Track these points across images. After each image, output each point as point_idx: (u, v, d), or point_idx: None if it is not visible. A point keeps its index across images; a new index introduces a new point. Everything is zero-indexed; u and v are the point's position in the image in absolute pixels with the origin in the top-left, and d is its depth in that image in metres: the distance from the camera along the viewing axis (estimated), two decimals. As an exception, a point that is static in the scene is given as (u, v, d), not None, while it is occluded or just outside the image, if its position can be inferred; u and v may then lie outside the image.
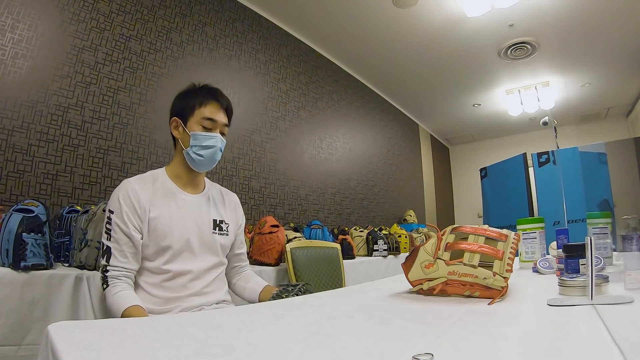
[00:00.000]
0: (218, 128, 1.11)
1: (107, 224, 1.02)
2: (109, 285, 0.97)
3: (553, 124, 3.80)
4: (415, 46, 3.66)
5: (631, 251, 0.79)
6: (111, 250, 1.00)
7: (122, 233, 1.00)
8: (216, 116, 1.11)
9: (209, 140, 1.09)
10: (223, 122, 1.13)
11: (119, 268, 0.99)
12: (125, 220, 1.00)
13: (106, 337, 0.49)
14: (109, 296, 0.96)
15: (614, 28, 3.33)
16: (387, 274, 2.71)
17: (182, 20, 2.46)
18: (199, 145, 1.09)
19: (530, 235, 1.35)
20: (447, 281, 0.77)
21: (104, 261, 1.00)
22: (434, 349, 0.43)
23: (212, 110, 1.10)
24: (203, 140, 1.08)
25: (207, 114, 1.10)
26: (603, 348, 0.43)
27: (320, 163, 3.50)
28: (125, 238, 1.00)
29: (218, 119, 1.11)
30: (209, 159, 1.11)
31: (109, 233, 1.01)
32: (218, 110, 1.12)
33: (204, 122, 1.09)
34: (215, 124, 1.10)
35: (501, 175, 3.96)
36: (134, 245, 1.01)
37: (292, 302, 0.82)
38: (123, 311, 0.92)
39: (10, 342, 1.06)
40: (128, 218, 1.01)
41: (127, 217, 1.01)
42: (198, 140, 1.08)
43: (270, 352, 0.45)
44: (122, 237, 1.00)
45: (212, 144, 1.09)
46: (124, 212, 1.01)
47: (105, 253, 1.00)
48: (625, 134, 5.30)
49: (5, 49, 1.65)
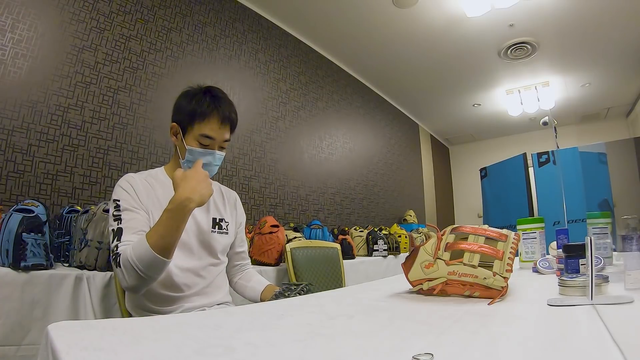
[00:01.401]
0: (217, 144, 1.06)
1: (116, 210, 0.97)
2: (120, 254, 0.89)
3: (553, 124, 3.80)
4: (415, 46, 3.66)
5: (631, 251, 0.79)
6: (122, 230, 0.93)
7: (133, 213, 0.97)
8: (215, 134, 1.05)
9: (205, 157, 1.05)
10: (223, 138, 1.07)
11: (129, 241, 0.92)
12: (133, 205, 0.98)
13: (106, 337, 0.49)
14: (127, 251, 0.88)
15: (614, 28, 3.33)
16: (387, 274, 2.71)
17: (182, 20, 2.46)
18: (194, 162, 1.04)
19: (530, 235, 1.35)
20: (447, 281, 0.77)
21: (115, 241, 0.92)
22: (434, 349, 0.43)
23: (211, 126, 1.04)
24: (198, 156, 1.04)
25: (206, 131, 1.04)
26: (603, 348, 0.43)
27: (320, 163, 3.50)
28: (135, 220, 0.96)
29: (217, 136, 1.05)
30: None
31: (119, 218, 0.96)
32: (218, 126, 1.05)
33: (202, 139, 1.04)
34: (213, 141, 1.05)
35: (501, 175, 3.96)
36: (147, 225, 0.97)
37: (292, 302, 0.82)
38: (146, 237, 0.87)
39: (10, 342, 1.06)
40: (135, 203, 0.99)
41: (134, 202, 0.99)
42: (194, 157, 1.05)
43: (270, 352, 0.45)
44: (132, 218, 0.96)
45: (208, 162, 1.06)
46: (131, 198, 0.99)
47: (116, 235, 0.93)
48: (625, 134, 5.30)
49: (5, 49, 1.65)
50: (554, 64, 4.03)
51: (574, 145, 3.50)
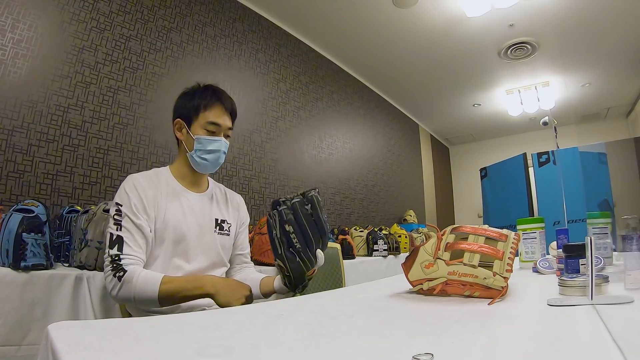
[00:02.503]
0: (222, 132, 1.11)
1: (117, 215, 0.98)
2: (127, 270, 0.92)
3: (553, 124, 3.80)
4: (415, 46, 3.66)
5: (631, 251, 0.78)
6: (123, 240, 0.95)
7: (133, 224, 0.97)
8: (221, 120, 1.10)
9: (213, 144, 1.09)
10: (227, 125, 1.12)
11: (133, 257, 0.95)
12: (135, 211, 0.99)
13: (106, 337, 0.49)
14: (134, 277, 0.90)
15: (614, 28, 3.33)
16: (387, 274, 2.70)
17: (182, 20, 2.46)
18: (204, 150, 1.08)
19: (530, 235, 1.35)
20: (447, 281, 0.77)
21: (115, 250, 0.94)
22: (434, 349, 0.43)
23: (216, 114, 1.10)
24: (207, 144, 1.08)
25: (212, 118, 1.09)
26: (603, 348, 0.42)
27: (320, 163, 3.50)
28: (136, 229, 0.97)
29: (222, 123, 1.10)
30: (213, 163, 1.11)
31: (119, 223, 0.97)
32: (223, 113, 1.11)
33: (209, 126, 1.09)
34: (219, 128, 1.10)
35: (501, 175, 3.96)
36: (145, 237, 0.98)
37: (292, 302, 0.82)
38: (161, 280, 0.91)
39: (10, 342, 1.06)
40: (137, 210, 0.99)
41: (136, 208, 0.99)
42: (202, 145, 1.08)
43: (270, 352, 0.45)
44: (134, 227, 0.97)
45: (217, 148, 1.09)
46: (132, 204, 0.99)
47: (116, 242, 0.95)
48: (625, 134, 5.30)
49: (5, 49, 1.65)
50: (554, 64, 4.03)
51: (574, 145, 3.49)
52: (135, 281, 0.90)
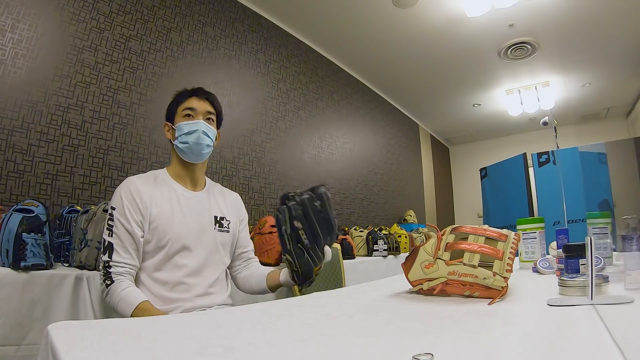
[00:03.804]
0: (200, 115, 1.14)
1: (109, 220, 1.03)
2: (114, 281, 0.96)
3: (553, 124, 3.80)
4: (415, 46, 3.66)
5: (631, 251, 0.78)
6: (113, 246, 1.00)
7: (124, 229, 1.00)
8: (195, 104, 1.15)
9: (190, 126, 1.12)
10: (205, 109, 1.16)
11: (122, 264, 0.99)
12: (127, 216, 1.01)
13: (106, 337, 0.49)
14: (117, 292, 0.95)
15: (614, 28, 3.33)
16: (387, 274, 2.70)
17: (182, 20, 2.46)
18: (183, 134, 1.12)
19: (530, 235, 1.35)
20: (447, 281, 0.77)
21: (106, 257, 0.99)
22: (434, 349, 0.43)
23: (191, 101, 1.15)
24: (185, 127, 1.12)
25: (186, 105, 1.15)
26: (603, 348, 0.42)
27: (320, 163, 3.50)
28: (127, 234, 1.00)
29: (198, 106, 1.15)
30: (195, 144, 1.12)
31: (110, 229, 1.02)
32: (197, 99, 1.16)
33: (185, 111, 1.14)
34: (195, 111, 1.14)
35: (501, 175, 3.96)
36: (135, 242, 1.01)
37: (292, 302, 0.82)
38: (137, 305, 0.92)
39: (10, 342, 1.06)
40: (130, 214, 1.01)
41: (129, 213, 1.01)
42: (181, 129, 1.12)
43: (271, 352, 0.45)
44: (124, 233, 1.00)
45: (194, 129, 1.11)
46: (125, 209, 1.02)
47: (107, 249, 1.00)
48: (625, 134, 5.30)
49: (5, 49, 1.64)
50: (554, 64, 4.03)
51: (574, 145, 3.50)
52: (117, 295, 0.95)
